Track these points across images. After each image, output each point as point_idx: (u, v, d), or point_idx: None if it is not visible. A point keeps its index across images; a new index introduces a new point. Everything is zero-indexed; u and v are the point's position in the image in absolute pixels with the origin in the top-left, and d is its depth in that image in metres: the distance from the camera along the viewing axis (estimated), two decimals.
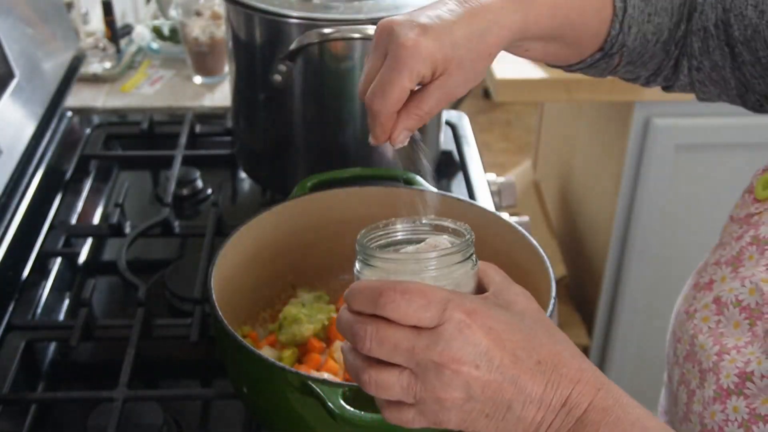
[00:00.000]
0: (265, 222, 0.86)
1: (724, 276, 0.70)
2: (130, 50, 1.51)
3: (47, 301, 0.98)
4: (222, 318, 0.72)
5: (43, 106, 1.09)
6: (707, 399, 0.66)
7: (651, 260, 1.82)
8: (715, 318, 0.68)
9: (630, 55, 0.79)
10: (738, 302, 0.66)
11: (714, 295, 0.69)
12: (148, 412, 0.80)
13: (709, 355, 0.66)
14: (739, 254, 0.70)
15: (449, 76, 0.64)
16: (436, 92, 0.65)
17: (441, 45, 0.62)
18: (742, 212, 0.74)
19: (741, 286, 0.67)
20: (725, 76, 0.79)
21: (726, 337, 0.66)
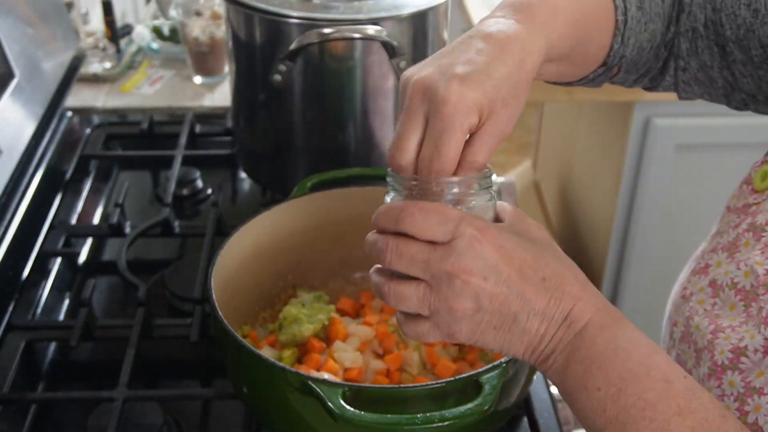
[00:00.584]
0: (265, 222, 0.86)
1: (720, 261, 0.70)
2: (130, 50, 1.51)
3: (47, 301, 0.98)
4: (222, 318, 0.72)
5: (43, 106, 1.09)
6: (702, 376, 0.66)
7: (651, 260, 1.82)
8: (711, 300, 0.69)
9: (627, 65, 0.79)
10: (733, 284, 0.67)
11: (710, 279, 0.70)
12: (148, 412, 0.80)
13: (704, 334, 0.67)
14: (736, 240, 0.70)
15: (497, 116, 0.63)
16: (488, 138, 0.63)
17: (484, 91, 0.61)
18: (740, 202, 0.74)
19: (736, 269, 0.67)
20: (712, 76, 0.79)
21: (721, 318, 0.67)
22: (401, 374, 0.80)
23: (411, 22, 0.99)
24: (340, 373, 0.78)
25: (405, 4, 0.99)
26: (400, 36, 0.98)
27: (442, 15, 1.03)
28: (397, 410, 0.64)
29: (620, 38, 0.76)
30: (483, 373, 0.66)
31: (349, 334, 0.83)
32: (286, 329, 0.82)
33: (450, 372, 0.79)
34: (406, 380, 0.80)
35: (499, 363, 0.67)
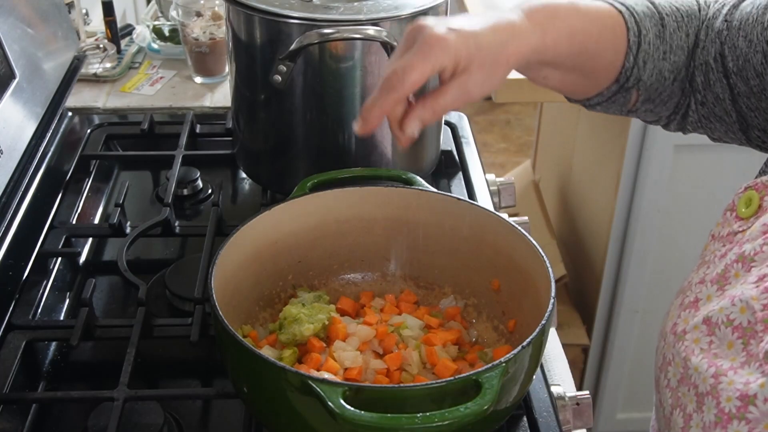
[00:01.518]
0: (265, 222, 0.87)
1: (710, 294, 0.69)
2: (130, 50, 1.51)
3: (47, 300, 0.98)
4: (222, 318, 0.72)
5: (43, 106, 1.09)
6: (708, 424, 0.64)
7: (650, 260, 1.82)
8: (707, 339, 0.67)
9: (647, 92, 0.81)
10: (729, 321, 0.65)
11: (703, 315, 0.68)
12: (149, 411, 0.80)
13: (705, 377, 0.65)
14: (725, 272, 0.68)
15: (470, 74, 0.70)
16: (455, 88, 0.70)
17: (466, 44, 0.69)
18: (725, 230, 0.73)
19: (731, 305, 0.65)
20: (727, 109, 0.80)
21: (720, 358, 0.65)
22: (401, 374, 0.80)
23: (411, 22, 0.99)
24: (340, 373, 0.78)
25: (405, 4, 0.99)
26: (400, 36, 0.98)
27: (441, 15, 1.04)
28: (397, 410, 0.64)
29: (632, 57, 0.79)
30: (483, 372, 0.66)
31: (349, 334, 0.83)
32: (286, 329, 0.82)
33: (450, 372, 0.79)
34: (406, 380, 0.80)
35: (498, 363, 0.67)
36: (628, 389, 1.99)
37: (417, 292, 0.93)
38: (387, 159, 1.07)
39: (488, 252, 0.88)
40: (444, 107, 0.71)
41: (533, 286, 0.81)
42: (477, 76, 0.70)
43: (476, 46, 0.70)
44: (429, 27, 0.70)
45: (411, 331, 0.84)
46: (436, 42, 0.68)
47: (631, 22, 0.79)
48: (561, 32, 0.76)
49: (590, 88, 0.83)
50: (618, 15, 0.79)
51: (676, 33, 0.81)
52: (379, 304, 0.90)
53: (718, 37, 0.79)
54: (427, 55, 0.68)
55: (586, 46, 0.78)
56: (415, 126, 0.72)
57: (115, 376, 0.82)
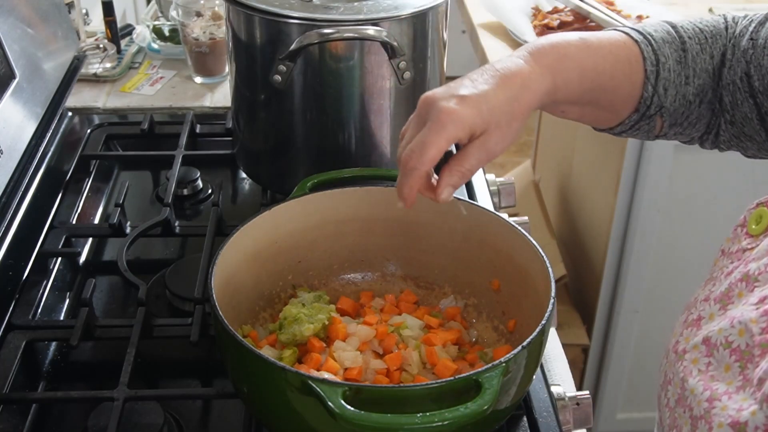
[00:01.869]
0: (265, 222, 0.87)
1: (713, 313, 0.68)
2: (130, 50, 1.51)
3: (48, 300, 0.98)
4: (222, 318, 0.72)
5: (43, 106, 1.09)
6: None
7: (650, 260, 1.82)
8: (705, 360, 0.66)
9: (672, 117, 0.81)
10: (728, 343, 0.64)
11: (703, 335, 0.67)
12: (149, 411, 0.80)
13: (699, 400, 0.64)
14: (728, 291, 0.68)
15: (488, 136, 0.72)
16: (476, 151, 0.72)
17: (478, 111, 0.70)
18: (734, 246, 0.72)
19: (730, 327, 0.64)
20: (755, 128, 0.80)
21: (717, 381, 0.64)
22: (401, 374, 0.80)
23: (411, 22, 0.99)
24: (340, 373, 0.78)
25: (405, 4, 0.99)
26: (399, 36, 0.98)
27: (441, 15, 1.04)
28: (397, 410, 0.64)
29: (650, 87, 0.78)
30: (483, 372, 0.66)
31: (349, 333, 0.83)
32: (287, 329, 0.82)
33: (450, 372, 0.79)
34: (406, 380, 0.80)
35: (498, 363, 0.67)
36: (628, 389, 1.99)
37: (417, 292, 0.93)
38: (387, 159, 1.07)
39: (488, 252, 0.88)
40: (470, 170, 0.74)
41: (533, 286, 0.82)
42: (495, 136, 0.72)
43: (488, 110, 0.71)
44: (439, 101, 0.71)
45: (411, 331, 0.84)
46: (448, 116, 0.70)
47: (647, 51, 0.78)
48: (571, 73, 0.76)
49: (611, 118, 0.82)
50: (633, 45, 0.79)
51: (700, 56, 0.80)
52: (379, 304, 0.90)
53: (743, 56, 0.78)
54: (441, 131, 0.70)
55: (599, 82, 0.77)
56: (449, 192, 0.74)
57: (115, 376, 0.82)
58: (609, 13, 1.73)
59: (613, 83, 0.78)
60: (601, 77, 0.77)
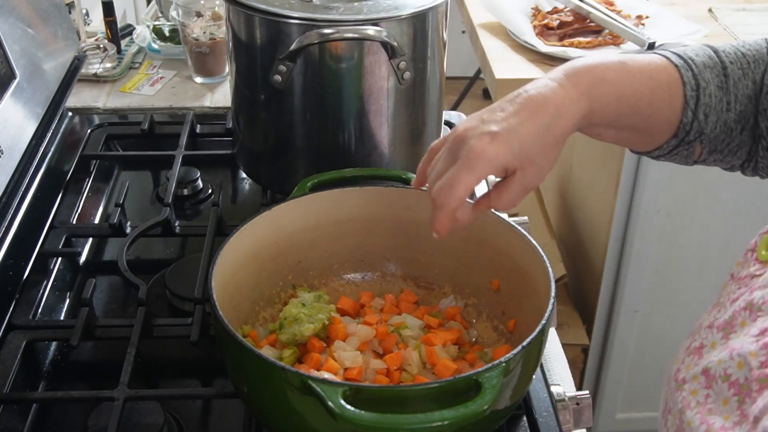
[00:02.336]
0: (265, 222, 0.87)
1: (715, 342, 0.67)
2: (130, 51, 1.51)
3: (48, 300, 0.98)
4: (222, 317, 0.72)
5: (43, 106, 1.09)
6: None
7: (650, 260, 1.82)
8: (704, 391, 0.65)
9: (712, 144, 0.79)
10: (726, 376, 0.63)
11: (703, 366, 0.66)
12: (149, 411, 0.80)
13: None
14: (732, 319, 0.66)
15: (523, 171, 0.71)
16: (514, 186, 0.72)
17: (510, 149, 0.70)
18: (743, 272, 0.70)
19: (729, 359, 0.63)
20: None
21: (714, 414, 0.63)
22: (401, 374, 0.80)
23: (411, 22, 0.99)
24: (340, 373, 0.79)
25: (405, 4, 0.99)
26: (399, 36, 0.98)
27: (441, 15, 1.04)
28: (397, 410, 0.64)
29: (690, 113, 0.76)
30: (483, 372, 0.66)
31: (349, 333, 0.83)
32: (287, 329, 0.82)
33: (450, 372, 0.79)
34: (406, 380, 0.80)
35: (498, 362, 0.67)
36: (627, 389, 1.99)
37: (417, 292, 0.93)
38: (387, 159, 1.07)
39: (488, 252, 0.88)
40: (507, 205, 0.73)
41: (533, 286, 0.82)
42: (530, 170, 0.71)
43: (520, 147, 0.70)
44: (470, 139, 0.70)
45: (411, 331, 0.84)
46: (479, 156, 0.69)
47: (687, 76, 0.76)
48: (608, 97, 0.74)
49: (649, 142, 0.80)
50: (673, 69, 0.76)
51: (742, 81, 0.77)
52: (379, 304, 0.90)
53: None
54: (472, 170, 0.70)
55: (638, 107, 0.75)
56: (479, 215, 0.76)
57: (115, 376, 0.82)
58: (609, 13, 1.73)
59: (652, 108, 0.76)
60: (640, 102, 0.75)
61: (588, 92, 0.73)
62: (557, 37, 1.72)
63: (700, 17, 1.84)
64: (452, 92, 3.48)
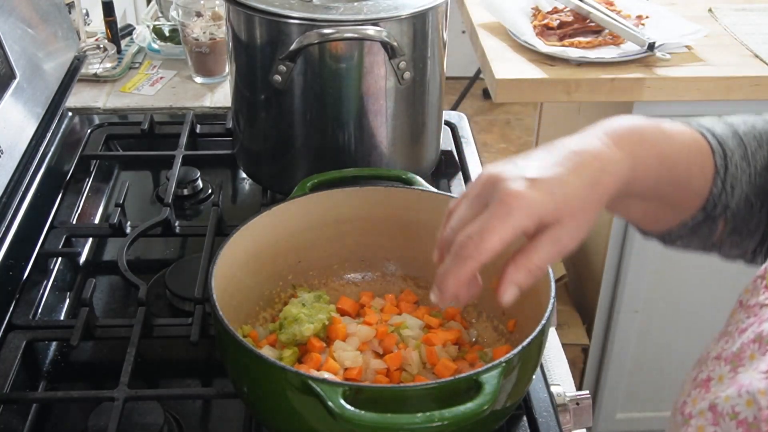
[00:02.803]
0: (265, 222, 0.87)
1: (722, 375, 0.64)
2: (130, 51, 1.51)
3: (48, 300, 0.98)
4: (222, 318, 0.72)
5: (43, 106, 1.09)
6: None
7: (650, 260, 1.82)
8: (711, 429, 0.63)
9: (734, 220, 0.74)
10: (734, 414, 0.61)
11: (710, 401, 0.63)
12: (149, 411, 0.80)
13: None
14: (740, 351, 0.64)
15: (561, 226, 0.62)
16: (547, 244, 0.62)
17: (552, 198, 0.61)
18: (752, 300, 0.67)
19: (737, 396, 0.61)
20: None
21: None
22: (401, 374, 0.80)
23: (411, 22, 0.99)
24: (340, 373, 0.79)
25: (405, 4, 0.99)
26: (400, 36, 0.98)
27: (441, 15, 1.04)
28: (397, 410, 0.64)
29: (720, 183, 0.71)
30: (483, 372, 0.66)
31: (349, 333, 0.83)
32: (287, 329, 0.82)
33: (450, 372, 0.79)
34: (406, 380, 0.80)
35: (499, 362, 0.67)
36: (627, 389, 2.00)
37: (417, 292, 0.93)
38: (387, 159, 1.07)
39: None
40: (539, 266, 0.63)
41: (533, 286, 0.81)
42: (569, 226, 0.62)
43: (563, 197, 0.61)
44: (505, 180, 0.61)
45: (411, 331, 0.84)
46: (516, 201, 0.60)
47: (714, 143, 0.71)
48: (651, 159, 0.68)
49: (674, 218, 0.75)
50: (701, 138, 0.71)
51: (759, 152, 0.73)
52: (379, 304, 0.90)
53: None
54: (507, 218, 0.60)
55: (677, 173, 0.70)
56: (512, 292, 0.64)
57: (115, 376, 0.82)
58: (609, 13, 1.73)
59: (688, 175, 0.71)
60: (679, 167, 0.70)
61: (632, 152, 0.66)
62: (557, 37, 1.72)
63: (700, 17, 1.85)
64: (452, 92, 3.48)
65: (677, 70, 1.62)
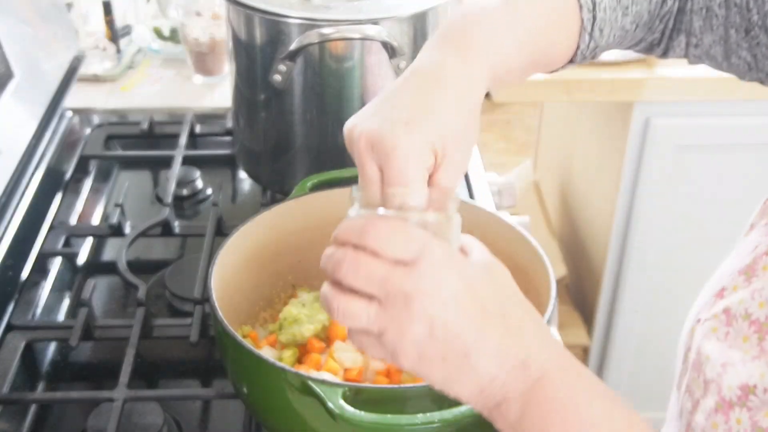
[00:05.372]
0: (265, 222, 0.86)
1: (736, 285, 0.69)
2: (130, 50, 1.51)
3: (47, 301, 0.98)
4: (222, 318, 0.72)
5: (43, 106, 1.09)
6: (709, 410, 0.65)
7: (651, 260, 1.82)
8: (724, 329, 0.67)
9: (606, 49, 0.78)
10: (747, 315, 0.65)
11: (724, 305, 0.68)
12: (148, 412, 0.80)
13: (714, 365, 0.65)
14: (753, 264, 0.68)
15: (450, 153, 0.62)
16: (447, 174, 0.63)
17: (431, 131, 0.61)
18: (763, 221, 0.71)
19: (751, 299, 0.65)
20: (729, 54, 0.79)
21: (733, 349, 0.65)
22: (401, 374, 0.80)
23: (411, 22, 0.99)
24: (340, 373, 0.78)
25: (405, 4, 0.99)
26: (400, 36, 0.98)
27: (441, 15, 1.03)
28: (397, 410, 0.64)
29: (587, 36, 0.74)
30: None
31: None
32: (287, 329, 0.82)
33: None
34: (406, 380, 0.80)
35: None
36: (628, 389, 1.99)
37: None
38: None
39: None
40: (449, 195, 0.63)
41: (534, 285, 0.81)
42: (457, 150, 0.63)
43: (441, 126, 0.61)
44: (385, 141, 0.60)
45: None
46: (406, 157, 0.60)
47: None
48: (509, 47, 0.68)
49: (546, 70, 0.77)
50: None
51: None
52: None
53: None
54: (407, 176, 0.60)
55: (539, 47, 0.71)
56: None
57: (114, 377, 0.82)
58: None
59: (553, 40, 0.73)
60: (539, 43, 0.71)
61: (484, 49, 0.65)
62: None
63: None
64: None
65: (677, 70, 1.62)
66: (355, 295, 0.53)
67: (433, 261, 0.52)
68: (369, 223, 0.53)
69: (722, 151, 1.70)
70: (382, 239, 0.52)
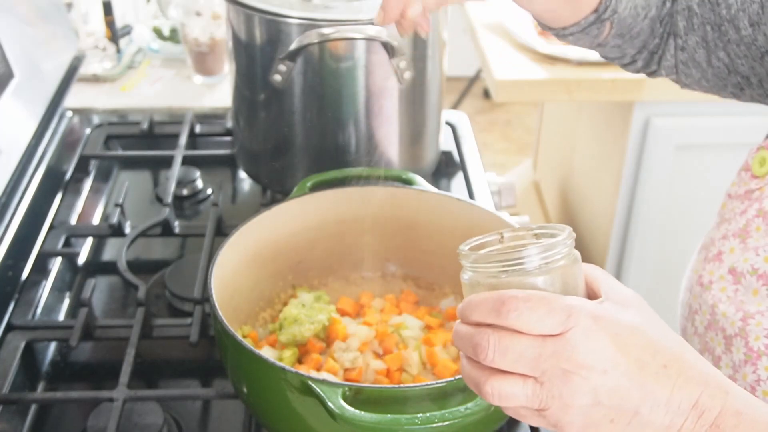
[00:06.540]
0: (265, 222, 0.86)
1: (733, 247, 0.73)
2: (130, 50, 1.51)
3: (47, 301, 0.98)
4: (222, 318, 0.72)
5: (43, 106, 1.09)
6: (737, 363, 0.69)
7: (650, 260, 1.82)
8: (733, 287, 0.71)
9: (620, 26, 0.81)
10: (754, 270, 0.69)
11: (728, 266, 0.72)
12: (149, 412, 0.80)
13: (733, 321, 0.69)
14: (746, 227, 0.72)
15: None
16: None
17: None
18: (741, 189, 0.76)
19: (755, 255, 0.70)
20: (709, 56, 0.81)
21: (747, 304, 0.69)
22: (401, 374, 0.80)
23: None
24: (340, 373, 0.78)
25: None
26: (400, 36, 0.98)
27: (441, 15, 1.04)
28: (397, 410, 0.64)
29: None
30: None
31: (349, 334, 0.83)
32: (287, 329, 0.82)
33: (450, 372, 0.79)
34: (406, 380, 0.80)
35: None
36: None
37: (417, 292, 0.93)
38: (387, 159, 1.07)
39: None
40: None
41: None
42: None
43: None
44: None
45: (411, 332, 0.84)
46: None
47: None
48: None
49: (571, 16, 0.81)
50: None
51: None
52: (379, 304, 0.90)
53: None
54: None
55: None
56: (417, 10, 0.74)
57: (114, 377, 0.82)
58: None
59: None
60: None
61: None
62: None
63: None
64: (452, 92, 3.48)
65: None
66: (507, 375, 0.51)
67: (583, 329, 0.50)
68: (506, 301, 0.51)
69: (722, 151, 1.70)
70: (524, 318, 0.50)
